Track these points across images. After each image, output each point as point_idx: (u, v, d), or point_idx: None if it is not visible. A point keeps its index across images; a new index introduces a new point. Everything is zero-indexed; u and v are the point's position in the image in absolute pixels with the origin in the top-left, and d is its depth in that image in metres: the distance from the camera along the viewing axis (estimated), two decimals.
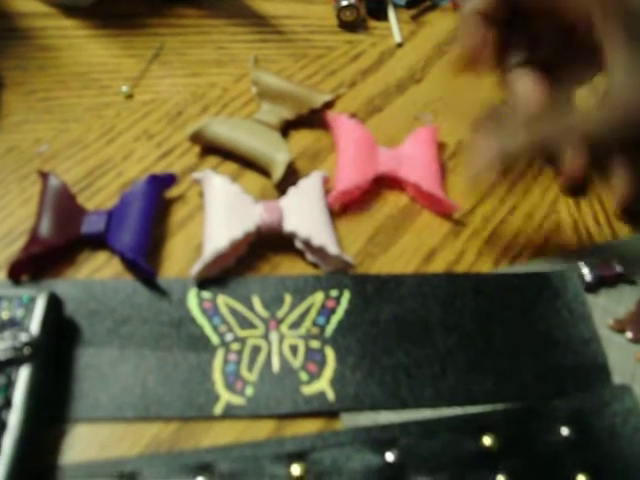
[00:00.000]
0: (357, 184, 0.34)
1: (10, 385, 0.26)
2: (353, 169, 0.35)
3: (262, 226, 0.31)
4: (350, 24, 0.44)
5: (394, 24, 0.45)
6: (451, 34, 0.45)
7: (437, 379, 0.29)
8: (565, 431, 0.28)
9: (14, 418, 0.25)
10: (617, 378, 0.30)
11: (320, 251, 0.31)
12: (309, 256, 0.32)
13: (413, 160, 0.36)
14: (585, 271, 0.33)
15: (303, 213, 0.32)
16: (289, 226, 0.31)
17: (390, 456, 0.27)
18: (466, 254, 0.33)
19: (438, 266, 0.33)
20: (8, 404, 0.25)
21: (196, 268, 0.30)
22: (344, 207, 0.35)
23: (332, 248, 0.31)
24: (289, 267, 0.32)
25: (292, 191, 0.33)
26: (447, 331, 0.30)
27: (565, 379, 0.30)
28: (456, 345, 0.30)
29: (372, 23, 0.45)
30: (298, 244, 0.32)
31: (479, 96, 0.39)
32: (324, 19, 0.45)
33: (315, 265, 0.32)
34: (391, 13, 0.45)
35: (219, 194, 0.32)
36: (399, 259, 0.33)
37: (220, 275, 0.31)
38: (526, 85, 0.33)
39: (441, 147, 0.38)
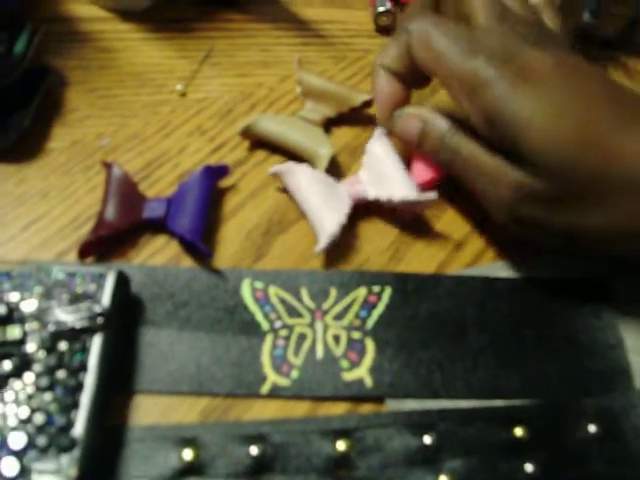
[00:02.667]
0: (433, 177, 0.36)
1: (85, 351, 0.28)
2: (428, 163, 0.36)
3: (353, 199, 0.34)
4: (386, 28, 0.46)
5: None
6: None
7: (468, 373, 0.31)
8: (592, 428, 0.29)
9: (89, 379, 0.27)
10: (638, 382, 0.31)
11: (407, 204, 0.34)
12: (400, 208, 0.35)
13: None
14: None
15: (381, 176, 0.35)
16: (372, 194, 0.34)
17: (428, 439, 0.28)
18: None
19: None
20: (84, 367, 0.27)
21: (318, 250, 0.33)
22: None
23: (413, 196, 0.33)
24: (336, 263, 0.34)
25: (365, 159, 0.36)
26: (480, 330, 0.32)
27: (589, 381, 0.31)
28: (488, 344, 0.32)
29: None
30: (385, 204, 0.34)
31: None
32: (362, 24, 0.47)
33: (362, 263, 0.34)
34: None
35: (312, 183, 0.34)
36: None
37: (273, 268, 0.33)
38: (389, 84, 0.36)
39: None
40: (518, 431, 0.29)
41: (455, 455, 0.28)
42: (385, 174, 0.35)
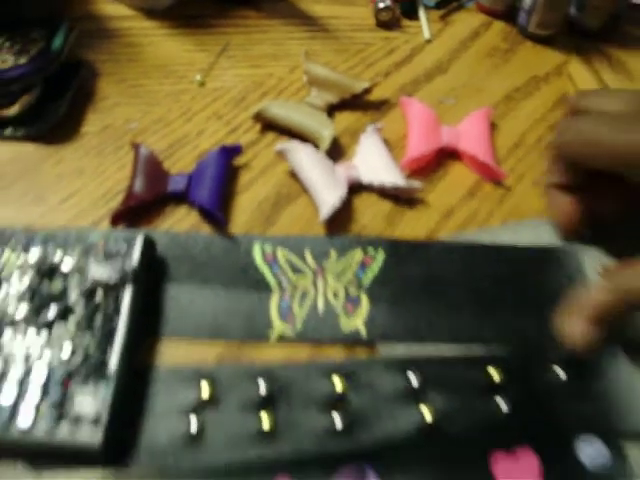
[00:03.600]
0: (425, 153, 0.40)
1: (118, 300, 0.32)
2: (422, 140, 0.41)
3: (349, 181, 0.38)
4: (386, 23, 0.50)
5: (424, 23, 0.50)
6: (474, 31, 0.51)
7: (452, 322, 0.35)
8: (559, 372, 0.33)
9: (121, 324, 0.31)
10: None
11: (394, 189, 0.38)
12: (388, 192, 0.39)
13: (470, 136, 0.41)
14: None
15: (372, 164, 0.39)
16: (365, 178, 0.38)
17: (413, 379, 0.32)
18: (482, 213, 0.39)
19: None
20: (117, 313, 0.32)
21: (323, 218, 0.36)
22: (412, 172, 0.40)
23: (401, 183, 0.38)
24: (336, 230, 0.38)
25: (359, 148, 0.40)
26: (464, 289, 0.36)
27: None
28: (470, 299, 0.35)
29: (405, 22, 0.51)
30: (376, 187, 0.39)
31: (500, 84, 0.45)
32: (364, 19, 0.51)
33: (359, 230, 0.38)
34: (422, 13, 0.51)
35: (311, 160, 0.38)
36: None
37: (280, 234, 0.37)
38: (563, 201, 0.37)
39: (492, 126, 0.44)
40: (493, 374, 0.33)
41: (436, 393, 0.32)
42: (376, 163, 0.39)
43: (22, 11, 0.46)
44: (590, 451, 0.31)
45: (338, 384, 0.32)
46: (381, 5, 0.49)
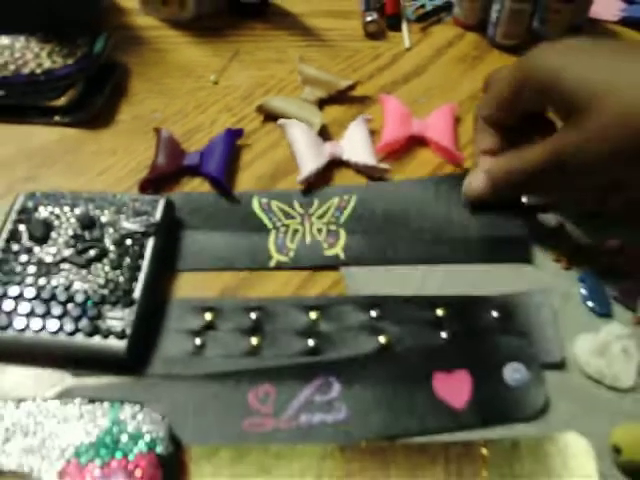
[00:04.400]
0: (397, 138, 0.48)
1: (143, 247, 0.40)
2: (395, 129, 0.49)
3: (331, 156, 0.47)
4: (373, 34, 0.59)
5: (405, 34, 0.59)
6: (448, 41, 0.59)
7: (411, 245, 0.43)
8: (495, 313, 0.40)
9: (145, 264, 0.40)
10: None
11: (367, 167, 0.46)
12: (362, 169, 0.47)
13: (436, 126, 0.49)
14: None
15: (354, 146, 0.47)
16: (345, 156, 0.47)
17: (374, 313, 0.40)
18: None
19: None
20: (142, 256, 0.40)
21: (299, 180, 0.45)
22: (387, 155, 0.48)
23: (372, 163, 0.46)
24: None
25: (347, 132, 0.48)
26: (421, 220, 0.44)
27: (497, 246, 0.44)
28: (426, 228, 0.44)
29: (390, 33, 0.60)
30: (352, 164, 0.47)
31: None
32: (354, 30, 0.60)
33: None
34: (404, 26, 0.59)
35: (303, 135, 0.47)
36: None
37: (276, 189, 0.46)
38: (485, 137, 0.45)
39: (457, 119, 0.51)
40: (439, 311, 0.40)
41: (392, 325, 0.40)
42: (357, 145, 0.47)
43: (70, 22, 0.54)
44: (514, 374, 0.38)
45: (313, 315, 0.40)
46: (369, 18, 0.58)
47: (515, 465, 0.34)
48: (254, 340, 0.39)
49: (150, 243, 0.41)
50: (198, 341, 0.39)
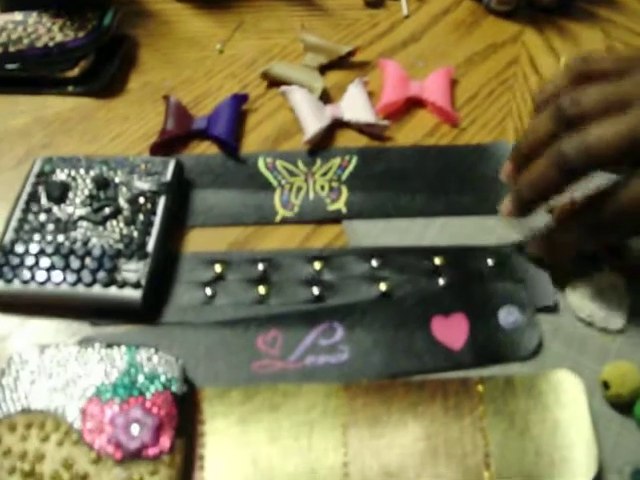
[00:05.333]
0: (396, 99, 0.50)
1: (155, 204, 0.42)
2: (394, 91, 0.50)
3: (333, 118, 0.48)
4: (373, 3, 0.60)
5: (403, 2, 0.59)
6: (445, 9, 0.60)
7: (409, 201, 0.45)
8: (490, 261, 0.41)
9: (157, 220, 0.41)
10: None
11: (367, 125, 0.48)
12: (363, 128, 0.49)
13: (433, 87, 0.51)
14: None
15: (354, 106, 0.49)
16: (346, 116, 0.48)
17: (375, 262, 0.41)
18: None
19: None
20: (154, 213, 0.42)
21: (305, 140, 0.46)
22: (386, 116, 0.49)
23: (373, 121, 0.48)
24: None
25: (346, 94, 0.49)
26: (417, 178, 0.46)
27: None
28: (424, 185, 0.45)
29: (388, 2, 0.60)
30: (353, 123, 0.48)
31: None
32: (354, 0, 0.60)
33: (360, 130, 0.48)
34: None
35: (304, 99, 0.48)
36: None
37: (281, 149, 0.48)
38: None
39: (453, 82, 0.53)
40: (437, 260, 0.42)
41: (392, 273, 0.41)
42: (357, 105, 0.49)
43: None
44: (509, 317, 0.40)
45: (317, 265, 0.41)
46: None
47: (510, 401, 0.36)
48: (262, 289, 0.40)
49: (161, 201, 0.42)
50: (209, 291, 0.40)
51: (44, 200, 0.42)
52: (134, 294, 0.38)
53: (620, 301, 0.40)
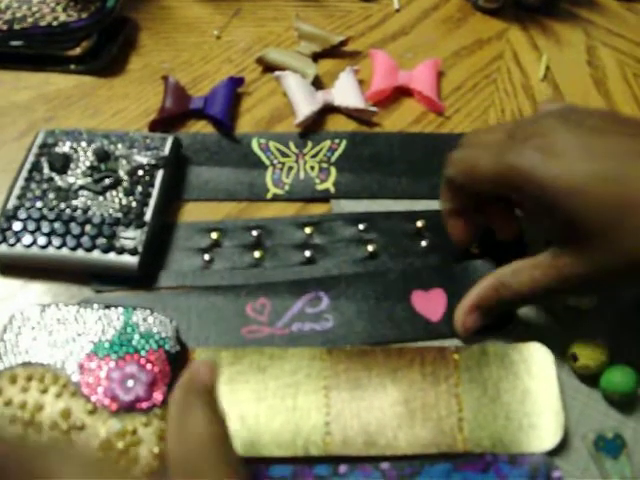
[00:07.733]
0: (385, 87, 0.51)
1: (153, 177, 0.43)
2: (383, 79, 0.52)
3: (324, 103, 0.49)
4: None
5: None
6: (435, 4, 0.61)
7: (394, 183, 0.46)
8: None
9: (155, 191, 0.43)
10: None
11: (357, 110, 0.49)
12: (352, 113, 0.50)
13: (420, 78, 0.52)
14: None
15: (344, 93, 0.50)
16: (337, 101, 0.50)
17: (361, 226, 0.43)
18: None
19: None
20: (152, 185, 0.43)
21: (297, 122, 0.48)
22: (375, 103, 0.51)
23: (362, 106, 0.49)
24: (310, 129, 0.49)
25: (337, 81, 0.51)
26: (402, 162, 0.47)
27: None
28: (409, 169, 0.47)
29: None
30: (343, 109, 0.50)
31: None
32: None
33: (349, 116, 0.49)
34: None
35: (297, 84, 0.50)
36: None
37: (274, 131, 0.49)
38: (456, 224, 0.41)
39: (440, 73, 0.54)
40: (419, 223, 0.44)
41: (378, 236, 0.43)
42: (347, 92, 0.50)
43: None
44: None
45: (307, 230, 0.43)
46: None
47: (484, 369, 0.38)
48: (257, 254, 0.42)
49: (159, 174, 0.44)
50: (207, 257, 0.42)
51: (46, 170, 0.43)
52: (131, 260, 0.40)
53: None
